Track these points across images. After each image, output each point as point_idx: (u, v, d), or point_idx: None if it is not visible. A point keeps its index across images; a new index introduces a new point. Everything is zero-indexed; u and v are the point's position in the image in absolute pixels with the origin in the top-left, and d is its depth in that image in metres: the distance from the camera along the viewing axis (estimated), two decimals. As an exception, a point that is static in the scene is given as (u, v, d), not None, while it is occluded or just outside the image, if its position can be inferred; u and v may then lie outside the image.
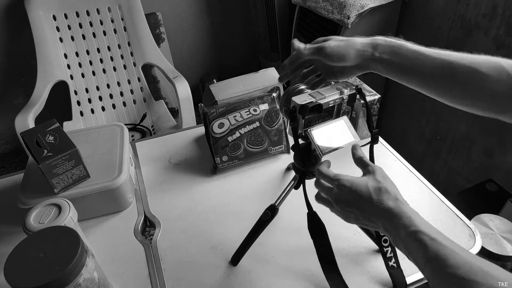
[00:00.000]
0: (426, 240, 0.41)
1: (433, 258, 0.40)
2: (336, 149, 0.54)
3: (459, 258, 0.39)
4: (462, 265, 0.38)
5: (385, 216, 0.46)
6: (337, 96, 0.55)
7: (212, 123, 0.87)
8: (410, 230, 0.43)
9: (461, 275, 0.37)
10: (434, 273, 0.40)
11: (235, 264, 0.67)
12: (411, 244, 0.43)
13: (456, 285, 0.37)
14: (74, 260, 0.48)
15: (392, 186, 0.49)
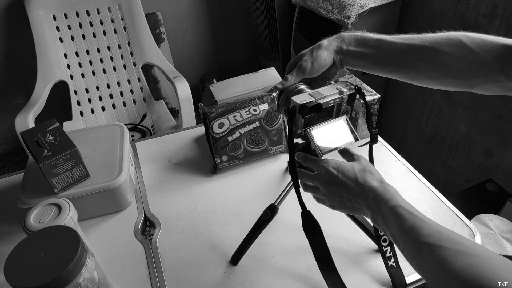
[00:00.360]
0: (405, 213, 0.44)
1: (409, 228, 0.43)
2: (336, 148, 0.54)
3: (432, 228, 0.42)
4: (434, 234, 0.41)
5: (368, 194, 0.49)
6: (336, 96, 0.55)
7: (212, 123, 0.87)
8: (391, 204, 0.46)
9: (432, 241, 0.40)
10: (408, 242, 0.43)
11: (235, 263, 0.67)
12: (391, 218, 0.45)
13: (427, 251, 0.40)
14: (74, 260, 0.48)
15: (376, 170, 0.52)
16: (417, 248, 0.42)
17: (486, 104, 1.43)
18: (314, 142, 0.54)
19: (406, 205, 0.46)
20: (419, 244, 0.41)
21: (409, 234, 0.43)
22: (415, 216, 0.44)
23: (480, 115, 1.48)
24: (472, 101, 1.49)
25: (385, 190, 0.48)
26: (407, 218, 0.44)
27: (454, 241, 0.40)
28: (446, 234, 0.41)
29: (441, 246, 0.39)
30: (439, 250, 0.39)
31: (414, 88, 1.79)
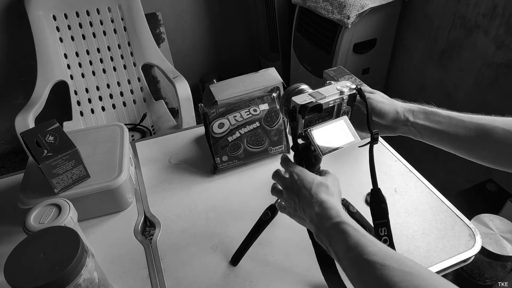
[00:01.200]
0: (350, 230, 0.44)
1: (353, 246, 0.43)
2: (336, 149, 0.54)
3: (376, 247, 0.42)
4: (379, 253, 0.41)
5: (315, 206, 0.49)
6: (337, 96, 0.55)
7: (212, 123, 0.87)
8: (336, 220, 0.46)
9: (376, 260, 0.40)
10: (352, 260, 0.43)
11: (235, 264, 0.67)
12: (335, 234, 0.45)
13: (371, 269, 0.40)
14: (74, 260, 0.48)
15: (335, 189, 0.52)
16: (361, 266, 0.41)
17: (486, 104, 1.43)
18: (315, 143, 0.53)
19: (352, 222, 0.45)
20: (363, 262, 0.41)
21: (353, 252, 0.42)
22: (360, 234, 0.44)
23: (480, 115, 1.47)
24: (472, 101, 1.49)
25: (331, 206, 0.48)
26: (352, 236, 0.44)
27: (398, 261, 0.40)
28: (390, 254, 0.41)
29: (385, 265, 0.39)
30: (382, 269, 0.39)
31: (414, 88, 1.79)
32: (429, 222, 0.74)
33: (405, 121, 0.57)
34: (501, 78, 1.35)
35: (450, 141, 0.55)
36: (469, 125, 0.53)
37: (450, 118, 0.55)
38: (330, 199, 0.49)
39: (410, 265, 0.40)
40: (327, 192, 0.50)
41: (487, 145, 0.53)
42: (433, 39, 1.60)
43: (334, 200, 0.50)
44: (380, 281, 0.39)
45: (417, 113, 0.57)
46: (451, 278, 1.26)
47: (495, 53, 1.34)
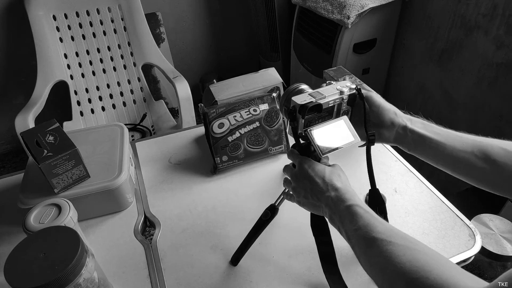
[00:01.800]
0: (361, 212, 0.47)
1: (363, 225, 0.45)
2: (336, 149, 0.54)
3: (384, 227, 0.45)
4: (386, 232, 0.44)
5: (331, 192, 0.51)
6: (337, 96, 0.55)
7: (212, 123, 0.87)
8: (349, 203, 0.49)
9: (383, 237, 0.43)
10: (360, 238, 0.45)
11: (235, 264, 0.67)
12: (347, 215, 0.48)
13: (377, 245, 0.43)
14: (74, 260, 0.48)
15: (345, 177, 0.55)
16: (368, 243, 0.44)
17: (486, 104, 1.43)
18: (314, 143, 0.54)
19: (364, 205, 0.48)
20: (371, 239, 0.44)
21: (362, 230, 0.45)
22: (370, 215, 0.47)
23: (480, 116, 1.48)
24: (472, 101, 1.49)
25: (346, 191, 0.51)
26: (363, 216, 0.46)
27: (403, 238, 0.42)
28: (396, 232, 0.44)
29: (391, 242, 0.42)
30: (388, 245, 0.42)
31: (414, 88, 1.79)
32: (429, 222, 0.74)
33: (403, 126, 0.57)
34: (501, 78, 1.35)
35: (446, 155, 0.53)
36: (466, 140, 0.53)
37: (448, 132, 0.55)
38: (344, 184, 0.52)
39: (415, 242, 0.42)
40: (340, 180, 0.53)
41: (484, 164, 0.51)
42: (433, 39, 1.60)
43: (347, 185, 0.53)
44: (384, 255, 0.41)
45: (415, 121, 0.57)
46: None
47: (495, 53, 1.34)
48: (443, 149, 0.53)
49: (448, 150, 0.53)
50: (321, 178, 0.53)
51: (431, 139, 0.54)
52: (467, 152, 0.52)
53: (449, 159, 0.53)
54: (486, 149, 0.51)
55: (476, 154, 0.51)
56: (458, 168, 0.53)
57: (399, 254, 0.40)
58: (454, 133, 0.55)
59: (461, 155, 0.52)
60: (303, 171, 0.55)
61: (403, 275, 0.39)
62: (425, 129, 0.55)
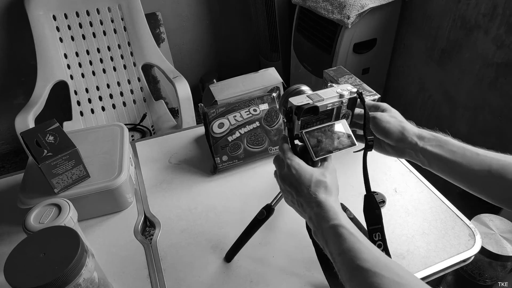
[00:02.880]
0: (345, 234, 0.44)
1: (347, 250, 0.43)
2: (330, 152, 0.54)
3: (370, 254, 0.42)
4: (371, 260, 0.41)
5: (314, 206, 0.49)
6: (336, 100, 0.55)
7: (212, 123, 0.87)
8: (333, 223, 0.46)
9: (368, 267, 0.40)
10: (344, 264, 0.43)
11: (228, 261, 0.68)
12: (331, 236, 0.45)
13: (362, 276, 0.40)
14: (74, 260, 0.48)
15: (333, 186, 0.51)
16: (353, 272, 0.42)
17: (486, 104, 1.43)
18: (308, 145, 0.53)
19: (349, 225, 0.45)
20: (355, 268, 0.41)
21: (346, 256, 0.43)
22: (355, 239, 0.44)
23: (480, 115, 1.48)
24: (472, 101, 1.49)
25: (329, 208, 0.47)
26: (347, 239, 0.44)
27: (390, 270, 0.40)
28: (383, 261, 0.41)
29: (376, 273, 0.40)
30: (373, 276, 0.39)
31: (414, 88, 1.79)
32: (429, 222, 0.74)
33: (413, 145, 0.55)
34: (501, 78, 1.35)
35: (462, 174, 0.51)
36: (483, 158, 0.50)
37: (464, 149, 0.51)
38: (329, 199, 0.49)
39: (401, 275, 0.40)
40: (326, 191, 0.50)
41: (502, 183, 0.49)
42: (433, 39, 1.60)
43: (332, 199, 0.49)
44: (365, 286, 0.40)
45: (428, 139, 0.54)
46: (451, 278, 1.26)
47: (495, 53, 1.34)
48: (460, 168, 0.51)
49: (465, 170, 0.51)
50: (307, 187, 0.50)
51: (447, 159, 0.52)
52: (484, 171, 0.50)
53: (466, 179, 0.52)
54: (503, 169, 0.49)
55: (494, 174, 0.49)
56: (475, 187, 0.52)
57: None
58: (471, 150, 0.52)
59: (478, 174, 0.50)
60: (290, 175, 0.52)
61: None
62: (440, 148, 0.53)
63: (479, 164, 0.50)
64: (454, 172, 0.53)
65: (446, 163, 0.52)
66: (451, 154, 0.52)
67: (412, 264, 0.66)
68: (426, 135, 0.55)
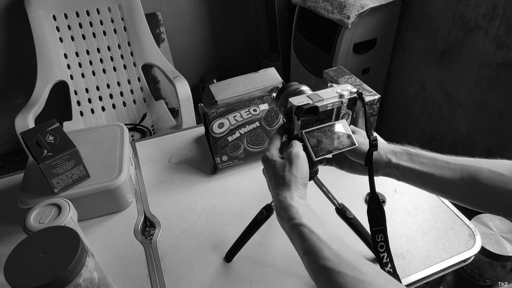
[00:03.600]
0: (306, 233, 0.44)
1: (309, 250, 0.43)
2: (330, 152, 0.54)
3: (332, 252, 0.42)
4: (334, 259, 0.41)
5: (277, 203, 0.49)
6: (336, 100, 0.55)
7: (212, 123, 0.87)
8: (293, 222, 0.46)
9: (331, 266, 0.40)
10: (309, 264, 0.43)
11: (228, 261, 0.68)
12: (293, 236, 0.46)
13: (326, 276, 0.41)
14: (74, 260, 0.48)
15: (292, 178, 0.49)
16: (317, 272, 0.42)
17: (486, 104, 1.43)
18: (308, 145, 0.53)
19: (308, 221, 0.45)
20: (319, 268, 0.41)
21: (309, 256, 0.43)
22: (316, 237, 0.43)
23: (480, 115, 1.48)
24: (472, 101, 1.49)
25: (288, 205, 0.47)
26: (308, 239, 0.44)
27: (353, 268, 0.40)
28: (346, 259, 0.41)
29: (340, 272, 0.39)
30: (337, 276, 0.39)
31: (414, 88, 1.79)
32: (429, 222, 0.74)
33: (387, 163, 0.55)
34: (501, 78, 1.35)
35: (436, 184, 0.53)
36: (454, 166, 0.51)
37: (434, 160, 0.53)
38: (286, 197, 0.48)
39: (365, 272, 0.40)
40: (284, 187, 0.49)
41: (473, 187, 0.50)
42: (433, 39, 1.60)
43: (289, 198, 0.48)
44: (330, 285, 0.40)
45: (400, 154, 0.55)
46: (451, 278, 1.26)
47: (495, 53, 1.34)
48: (433, 179, 0.52)
49: (438, 179, 0.52)
50: (273, 182, 0.50)
51: (419, 172, 0.53)
52: (456, 178, 0.51)
53: (439, 187, 0.53)
54: (475, 174, 0.50)
55: (465, 180, 0.50)
56: (450, 194, 0.53)
57: None
58: (441, 159, 0.53)
59: (450, 182, 0.51)
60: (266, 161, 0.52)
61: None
62: (411, 161, 0.54)
63: (450, 173, 0.51)
64: (428, 183, 0.54)
65: (418, 175, 0.53)
66: (422, 166, 0.53)
67: (412, 264, 0.66)
68: (398, 150, 0.56)
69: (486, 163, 0.51)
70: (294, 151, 0.51)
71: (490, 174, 0.49)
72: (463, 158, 0.52)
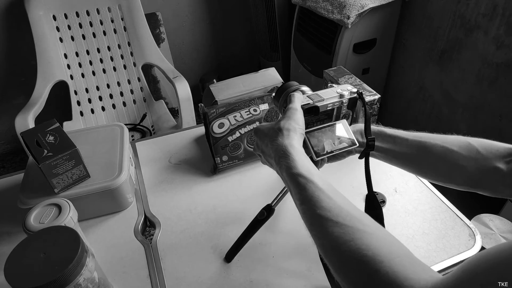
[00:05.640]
0: (304, 183, 0.43)
1: (307, 199, 0.42)
2: (331, 152, 0.54)
3: (332, 203, 0.41)
4: (333, 209, 0.40)
5: (274, 152, 0.49)
6: (336, 100, 0.55)
7: (212, 123, 0.87)
8: (292, 171, 0.45)
9: (329, 216, 0.40)
10: (305, 214, 0.43)
11: (228, 261, 0.68)
12: (291, 185, 0.45)
13: (323, 225, 0.40)
14: (74, 260, 0.48)
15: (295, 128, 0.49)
16: (313, 222, 0.41)
17: (486, 104, 1.43)
18: (310, 144, 0.53)
19: (306, 171, 0.44)
20: (316, 217, 0.41)
21: (307, 205, 0.42)
22: (315, 187, 0.43)
23: (480, 115, 1.48)
24: (472, 101, 1.49)
25: (287, 152, 0.46)
26: (307, 188, 0.43)
27: (352, 218, 0.39)
28: (346, 209, 0.40)
29: (338, 222, 0.39)
30: (335, 226, 0.39)
31: (414, 88, 1.79)
32: (429, 222, 0.74)
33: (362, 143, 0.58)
34: (501, 78, 1.35)
35: (395, 157, 0.57)
36: (411, 142, 0.56)
37: (394, 137, 0.57)
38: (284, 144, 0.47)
39: (365, 223, 0.39)
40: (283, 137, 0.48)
41: (427, 161, 0.56)
42: (433, 39, 1.60)
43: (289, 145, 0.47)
44: (331, 239, 0.39)
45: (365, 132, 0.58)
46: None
47: (495, 53, 1.34)
48: (393, 153, 0.57)
49: (397, 154, 0.57)
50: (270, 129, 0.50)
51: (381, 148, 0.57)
52: (412, 154, 0.56)
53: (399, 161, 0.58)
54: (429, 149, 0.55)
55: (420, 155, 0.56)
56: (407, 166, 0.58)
57: (347, 239, 0.37)
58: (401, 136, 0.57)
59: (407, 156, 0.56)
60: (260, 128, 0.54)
61: (351, 264, 0.36)
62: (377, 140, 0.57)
63: (407, 148, 0.56)
64: (388, 157, 0.58)
65: (380, 151, 0.57)
66: (385, 144, 0.57)
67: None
68: (362, 129, 0.59)
69: (440, 140, 0.55)
70: (293, 106, 0.52)
71: (442, 150, 0.54)
72: (422, 134, 0.57)
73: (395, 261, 0.35)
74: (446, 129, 1.61)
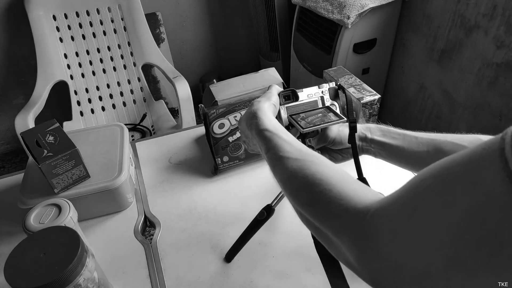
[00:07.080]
0: (270, 135, 0.49)
1: (272, 147, 0.47)
2: (318, 126, 0.56)
3: (293, 147, 0.46)
4: (294, 151, 0.45)
5: (246, 117, 0.54)
6: (316, 90, 0.60)
7: (212, 124, 0.87)
8: (259, 128, 0.51)
9: (290, 156, 0.45)
10: (270, 159, 0.47)
11: (228, 261, 0.68)
12: (258, 140, 0.50)
13: (284, 163, 0.44)
14: (74, 260, 0.48)
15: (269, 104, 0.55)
16: (275, 162, 0.46)
17: (486, 104, 1.43)
18: (295, 121, 0.57)
19: (271, 127, 0.50)
20: (278, 158, 0.45)
21: (271, 152, 0.47)
22: (278, 137, 0.48)
23: (480, 115, 1.48)
24: (472, 101, 1.49)
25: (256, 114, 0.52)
26: (271, 139, 0.48)
27: (311, 155, 0.44)
28: (305, 151, 0.45)
29: (297, 159, 0.43)
30: (294, 162, 0.43)
31: (414, 88, 1.79)
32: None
33: (363, 138, 0.59)
34: (501, 78, 1.35)
35: (405, 156, 0.57)
36: (421, 140, 0.56)
37: (404, 135, 0.58)
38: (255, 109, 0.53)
39: (322, 159, 0.43)
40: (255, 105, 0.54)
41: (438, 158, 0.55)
42: (433, 39, 1.60)
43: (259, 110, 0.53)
44: (290, 171, 0.43)
45: (374, 130, 0.59)
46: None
47: (495, 53, 1.34)
48: (403, 151, 0.57)
49: (407, 152, 0.57)
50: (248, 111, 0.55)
51: (390, 145, 0.57)
52: (423, 151, 0.56)
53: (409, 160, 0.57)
54: (439, 146, 0.55)
55: (431, 152, 0.55)
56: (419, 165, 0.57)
57: (304, 168, 0.41)
58: (410, 134, 0.57)
59: (418, 154, 0.56)
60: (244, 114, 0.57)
61: (306, 187, 0.40)
62: (384, 136, 0.58)
63: (417, 146, 0.56)
64: (399, 156, 0.58)
65: (390, 148, 0.58)
66: (394, 140, 0.57)
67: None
68: (372, 126, 0.60)
69: (450, 137, 0.55)
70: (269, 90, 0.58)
71: (452, 146, 0.54)
72: (431, 133, 0.57)
73: (347, 185, 0.38)
74: (446, 129, 1.61)
